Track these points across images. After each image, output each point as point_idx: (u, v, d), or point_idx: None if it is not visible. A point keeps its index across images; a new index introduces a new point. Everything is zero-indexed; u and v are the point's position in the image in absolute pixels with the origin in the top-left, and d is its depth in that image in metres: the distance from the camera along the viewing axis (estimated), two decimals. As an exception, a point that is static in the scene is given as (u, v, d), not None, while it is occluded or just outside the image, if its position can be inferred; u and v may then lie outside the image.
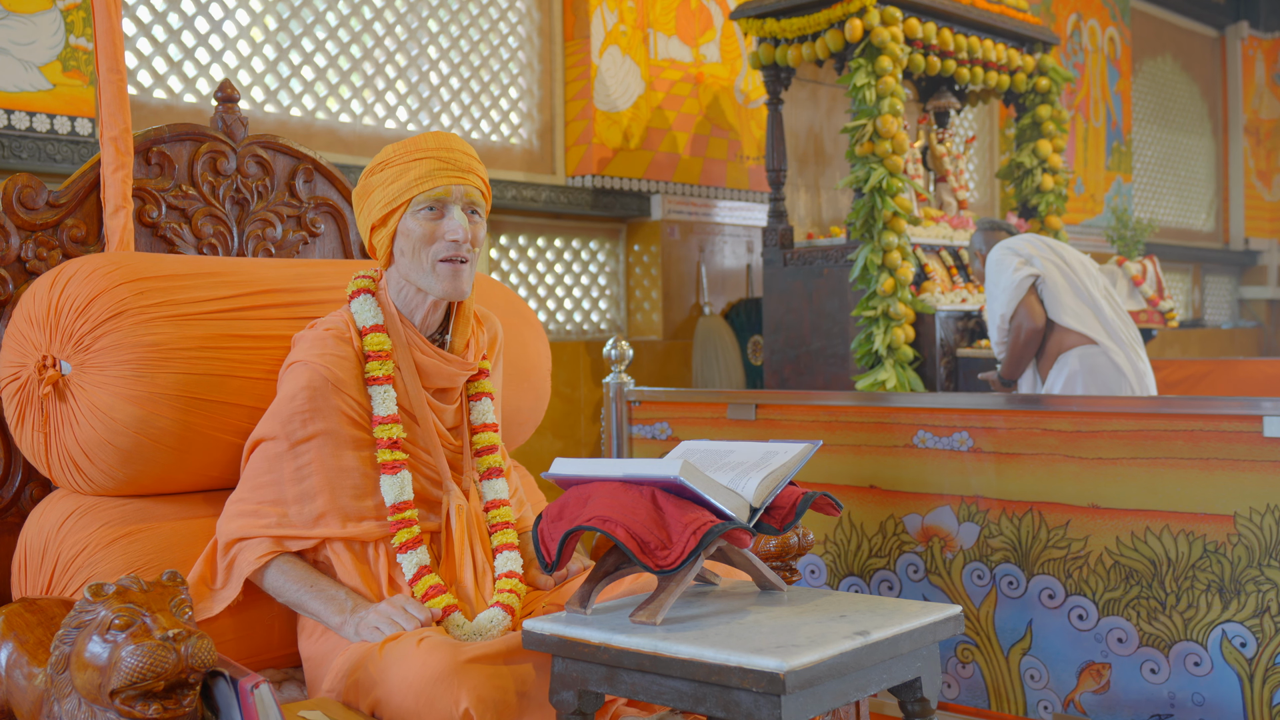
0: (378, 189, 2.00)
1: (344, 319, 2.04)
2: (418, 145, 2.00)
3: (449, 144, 2.00)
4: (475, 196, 2.02)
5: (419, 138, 2.02)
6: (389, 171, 1.99)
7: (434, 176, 1.97)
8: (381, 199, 1.99)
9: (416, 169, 1.97)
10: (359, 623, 1.88)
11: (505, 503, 2.11)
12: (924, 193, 5.60)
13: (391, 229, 2.00)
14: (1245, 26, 10.95)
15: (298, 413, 1.96)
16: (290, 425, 1.96)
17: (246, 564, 1.95)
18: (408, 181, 1.97)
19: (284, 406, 1.97)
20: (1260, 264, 11.09)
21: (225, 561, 1.97)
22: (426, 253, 1.98)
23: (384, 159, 2.02)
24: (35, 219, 2.17)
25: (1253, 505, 2.41)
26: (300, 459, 1.96)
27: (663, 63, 5.87)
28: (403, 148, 2.00)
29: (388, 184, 1.99)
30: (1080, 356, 4.11)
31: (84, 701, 1.47)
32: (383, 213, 2.00)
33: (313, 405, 1.96)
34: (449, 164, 1.98)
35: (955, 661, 2.82)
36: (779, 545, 2.20)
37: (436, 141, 2.00)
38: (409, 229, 1.99)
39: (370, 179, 2.02)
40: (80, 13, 3.83)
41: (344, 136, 4.83)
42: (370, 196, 2.02)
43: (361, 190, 2.04)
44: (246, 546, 1.95)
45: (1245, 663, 2.43)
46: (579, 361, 5.39)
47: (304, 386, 1.97)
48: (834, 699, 1.55)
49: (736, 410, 3.13)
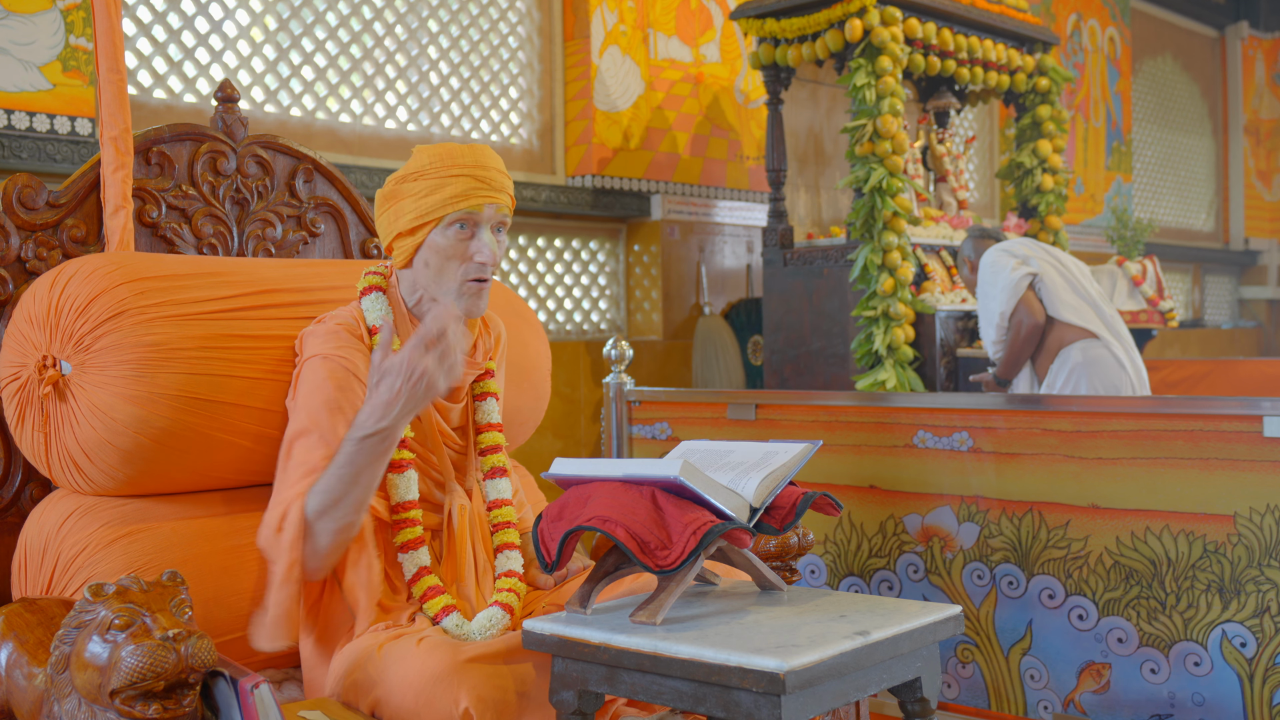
0: (409, 198, 1.98)
1: (354, 315, 2.03)
2: (455, 161, 1.97)
3: (485, 161, 1.98)
4: (505, 214, 2.02)
5: (455, 151, 1.99)
6: (424, 184, 1.97)
7: (470, 196, 1.95)
8: (414, 210, 1.97)
9: (453, 186, 1.95)
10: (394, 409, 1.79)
11: (508, 502, 2.11)
12: (924, 193, 5.61)
13: (419, 240, 1.99)
14: (1245, 26, 10.95)
15: (327, 402, 1.94)
16: (319, 415, 1.93)
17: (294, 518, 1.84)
18: (443, 198, 1.95)
19: (311, 399, 1.95)
20: (1260, 264, 11.09)
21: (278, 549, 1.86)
22: (453, 270, 1.98)
23: (418, 169, 1.98)
24: (35, 219, 2.17)
25: (1253, 505, 2.41)
26: (333, 446, 1.92)
27: (663, 63, 5.87)
28: (439, 160, 1.97)
29: (421, 195, 1.96)
30: (1082, 349, 4.12)
31: (84, 701, 1.47)
32: (413, 224, 1.97)
33: (339, 394, 1.94)
34: (485, 183, 1.97)
35: (955, 661, 2.82)
36: (779, 545, 2.20)
37: (474, 158, 1.98)
38: (438, 245, 1.97)
39: (402, 186, 1.99)
40: (80, 13, 3.83)
41: (344, 136, 4.83)
42: (399, 204, 1.99)
43: (389, 194, 2.01)
44: (289, 516, 1.85)
45: (1245, 663, 2.43)
46: (579, 361, 5.39)
47: (327, 377, 1.95)
48: (834, 699, 1.55)
49: (736, 410, 3.13)
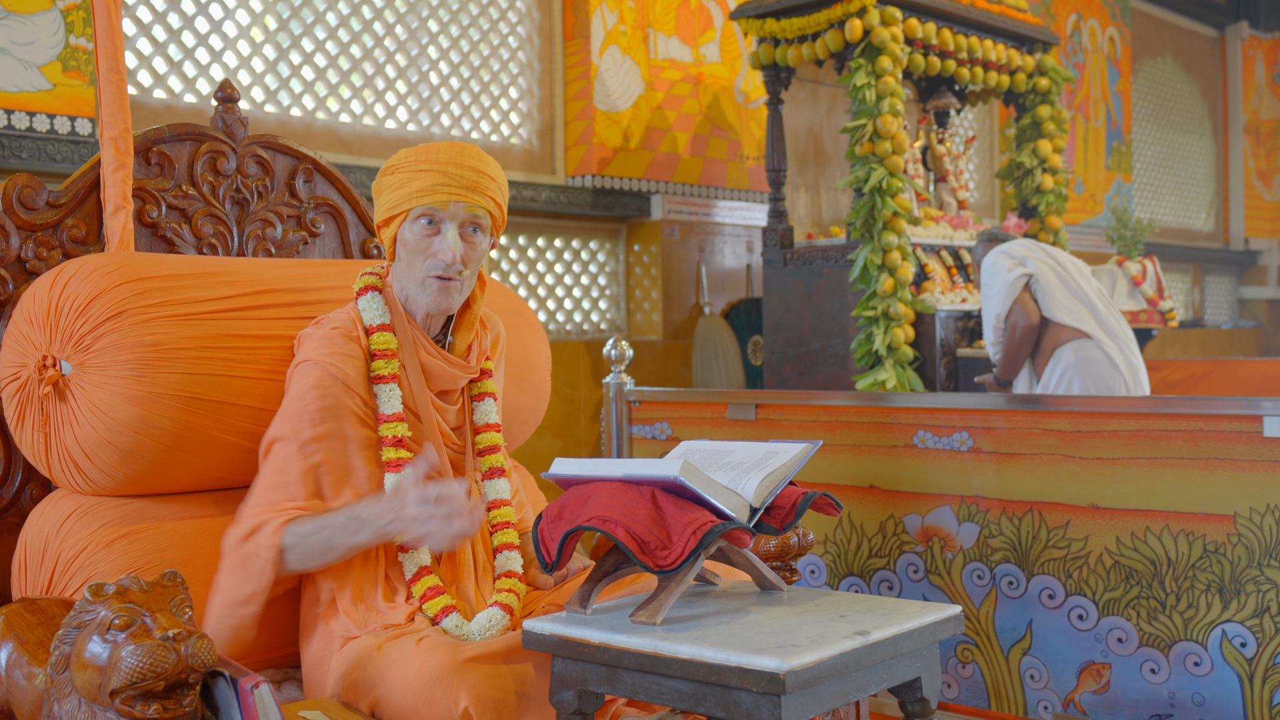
0: (386, 191, 2.02)
1: (350, 316, 2.04)
2: (428, 155, 1.99)
3: (459, 159, 1.98)
4: (478, 214, 2.00)
5: (433, 147, 2.00)
6: (397, 176, 2.00)
7: (434, 191, 1.96)
8: (387, 201, 2.01)
9: (420, 180, 1.97)
10: (399, 528, 1.84)
11: (507, 503, 2.11)
12: (924, 193, 5.60)
13: (393, 233, 2.03)
14: (1245, 26, 10.95)
15: (307, 412, 1.95)
16: (299, 425, 1.94)
17: (266, 542, 1.87)
18: (409, 191, 1.97)
19: (294, 406, 1.96)
20: (1260, 264, 11.08)
21: (238, 556, 1.90)
22: (419, 265, 2.00)
23: (396, 162, 2.02)
24: (35, 219, 2.17)
25: (1253, 505, 2.41)
26: (310, 459, 1.94)
27: (663, 63, 5.87)
28: (415, 155, 2.00)
29: (394, 189, 2.00)
30: (1075, 350, 4.13)
31: (84, 701, 1.47)
32: (385, 216, 2.02)
33: (323, 404, 1.95)
34: (453, 180, 1.97)
35: (955, 661, 2.82)
36: (779, 545, 2.20)
37: (448, 155, 1.98)
38: (405, 238, 2.00)
39: (382, 179, 2.04)
40: (80, 13, 3.83)
41: (344, 136, 4.83)
42: (380, 196, 2.04)
43: (375, 187, 2.06)
44: (261, 531, 1.89)
45: (1245, 663, 2.43)
46: (579, 361, 5.39)
47: (314, 386, 1.96)
48: (834, 699, 1.55)
49: (736, 410, 3.13)
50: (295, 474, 1.93)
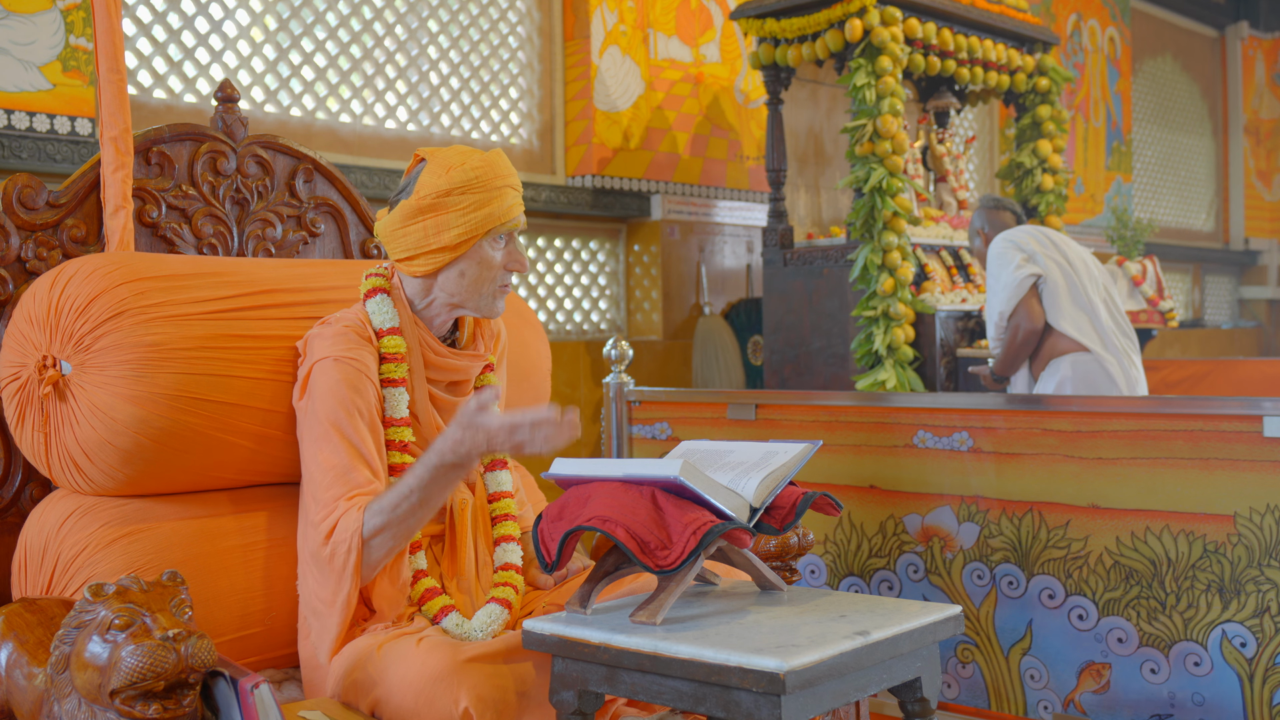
0: (454, 212, 1.98)
1: (360, 317, 2.04)
2: (496, 172, 2.00)
3: (510, 169, 2.05)
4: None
5: (492, 162, 2.01)
6: (474, 196, 1.97)
7: (515, 208, 2.03)
8: (463, 223, 1.98)
9: (501, 199, 2.00)
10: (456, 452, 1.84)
11: (509, 495, 2.13)
12: (924, 193, 5.60)
13: (462, 252, 2.00)
14: (1245, 26, 10.95)
15: (342, 402, 1.95)
16: (337, 415, 1.95)
17: (350, 530, 1.85)
18: (493, 210, 1.99)
19: (326, 401, 1.96)
20: (1260, 264, 11.08)
21: (325, 555, 1.88)
22: (492, 278, 2.03)
23: (465, 183, 1.97)
24: (35, 219, 2.17)
25: (1253, 505, 2.41)
26: (358, 443, 1.94)
27: (663, 63, 5.87)
28: (485, 172, 1.99)
29: (472, 209, 1.98)
30: (1073, 363, 4.10)
31: (84, 701, 1.47)
32: (460, 239, 1.98)
33: (353, 392, 1.96)
34: (519, 192, 2.05)
35: (955, 661, 2.82)
36: (779, 545, 2.20)
37: (505, 167, 2.03)
38: (485, 257, 2.01)
39: (448, 199, 1.97)
40: (80, 13, 3.83)
41: (344, 136, 4.83)
42: (442, 216, 1.98)
43: (430, 207, 1.98)
44: (340, 524, 1.87)
45: (1245, 663, 2.43)
46: (579, 361, 5.39)
47: (341, 380, 1.97)
48: (834, 699, 1.55)
49: (736, 410, 3.13)
50: (347, 462, 1.92)
